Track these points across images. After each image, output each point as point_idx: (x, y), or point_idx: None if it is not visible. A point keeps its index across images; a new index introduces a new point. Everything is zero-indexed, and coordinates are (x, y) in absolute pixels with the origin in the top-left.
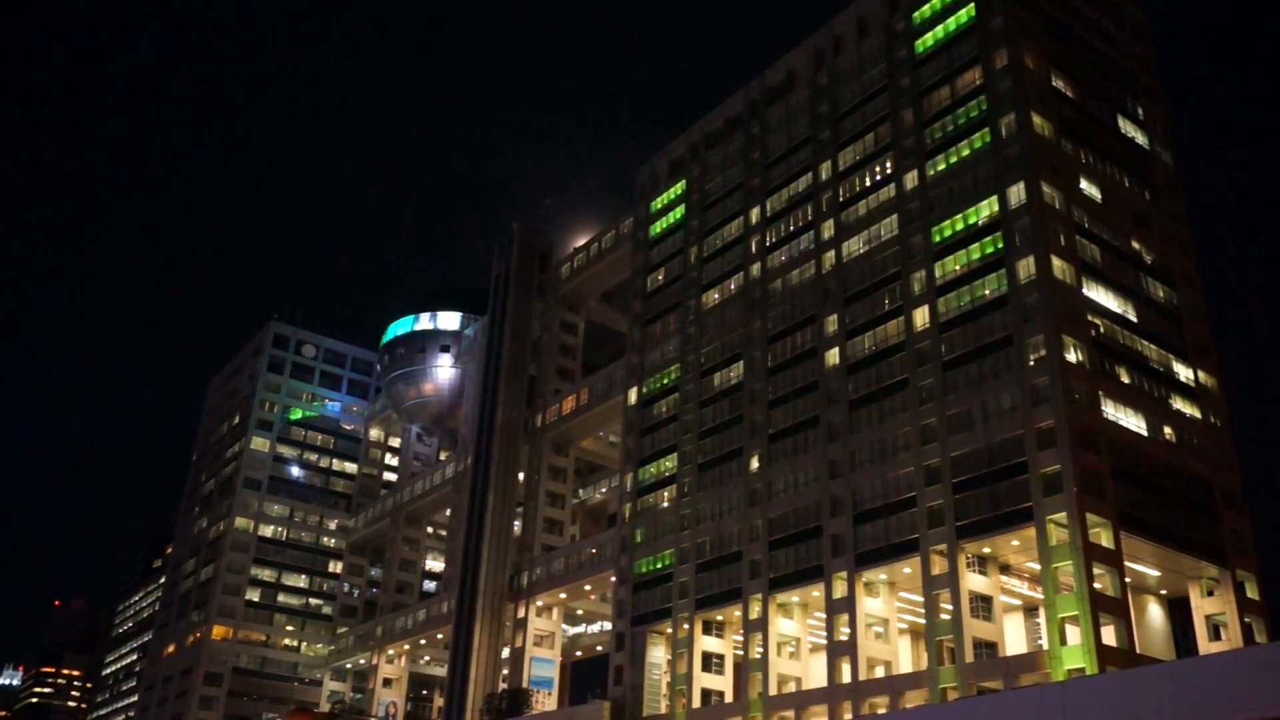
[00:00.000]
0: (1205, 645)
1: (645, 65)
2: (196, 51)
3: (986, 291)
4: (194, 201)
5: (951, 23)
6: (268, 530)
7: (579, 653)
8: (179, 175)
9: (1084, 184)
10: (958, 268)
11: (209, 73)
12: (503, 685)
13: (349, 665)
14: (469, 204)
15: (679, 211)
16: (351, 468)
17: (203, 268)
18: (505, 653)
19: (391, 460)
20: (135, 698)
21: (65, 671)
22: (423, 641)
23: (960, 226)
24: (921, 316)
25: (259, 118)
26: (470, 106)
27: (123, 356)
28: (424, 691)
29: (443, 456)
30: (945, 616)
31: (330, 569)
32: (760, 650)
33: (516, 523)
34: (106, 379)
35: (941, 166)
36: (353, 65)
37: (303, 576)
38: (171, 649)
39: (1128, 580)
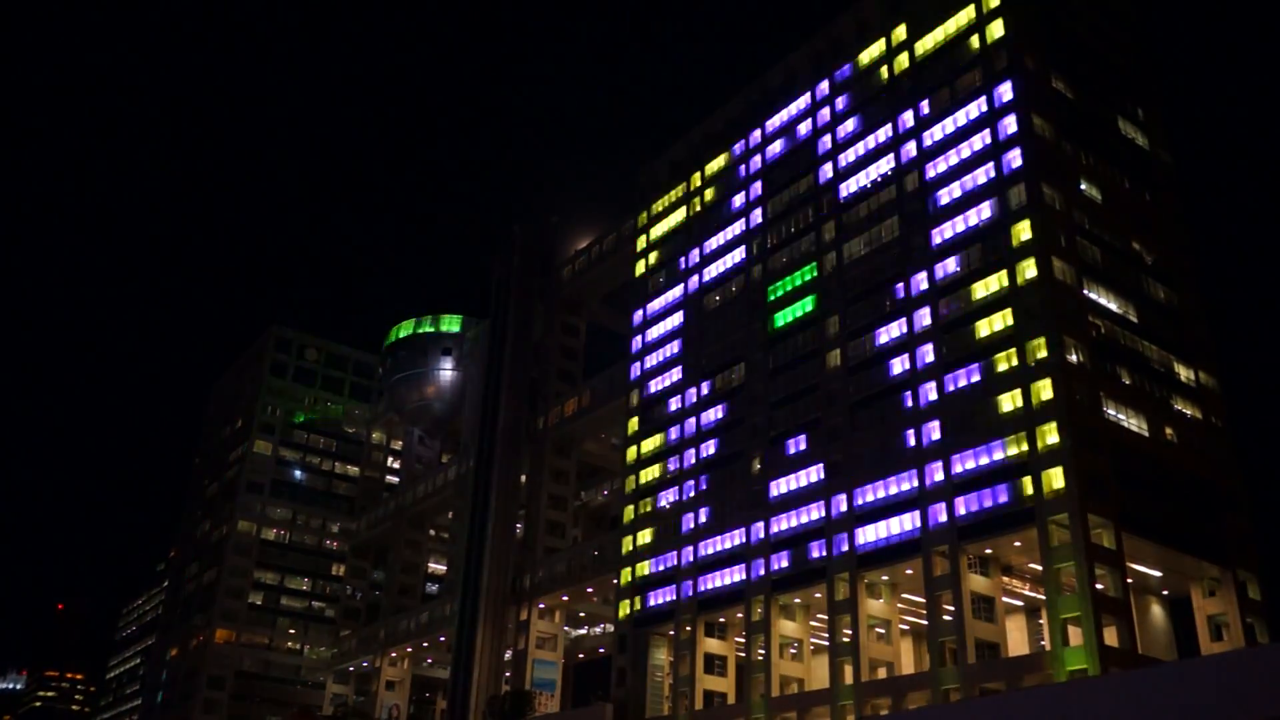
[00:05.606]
0: (1207, 646)
1: (646, 67)
2: (198, 50)
3: (987, 293)
4: (196, 204)
5: (951, 25)
6: (270, 533)
7: (581, 655)
8: (180, 177)
9: (1084, 185)
10: (958, 269)
11: (210, 72)
12: (505, 687)
13: (352, 668)
14: (470, 207)
15: (680, 214)
16: (354, 471)
17: (205, 271)
18: (508, 655)
19: (394, 463)
20: (138, 702)
21: (69, 675)
22: (425, 644)
23: (961, 228)
24: (922, 318)
25: (260, 119)
26: (471, 107)
27: (125, 360)
28: (427, 694)
29: (445, 459)
30: (947, 618)
31: (333, 572)
32: (763, 652)
33: (519, 525)
34: (109, 382)
35: (942, 168)
36: (354, 67)
37: (305, 579)
38: (175, 653)
39: (1129, 581)
